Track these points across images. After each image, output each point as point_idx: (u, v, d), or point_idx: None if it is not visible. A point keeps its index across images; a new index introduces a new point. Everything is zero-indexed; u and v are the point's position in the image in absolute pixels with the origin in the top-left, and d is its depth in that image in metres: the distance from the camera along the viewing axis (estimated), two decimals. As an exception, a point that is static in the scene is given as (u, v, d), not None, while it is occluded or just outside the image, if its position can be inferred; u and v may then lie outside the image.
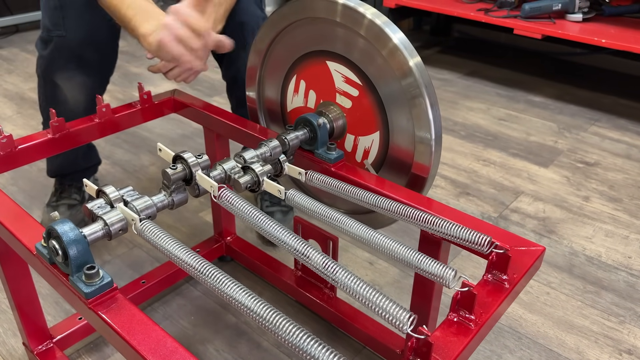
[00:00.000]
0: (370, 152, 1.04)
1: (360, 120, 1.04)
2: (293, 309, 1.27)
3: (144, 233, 0.75)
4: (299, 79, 1.09)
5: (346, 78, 1.02)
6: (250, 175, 0.90)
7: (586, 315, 1.28)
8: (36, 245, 0.74)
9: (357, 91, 1.01)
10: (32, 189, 1.73)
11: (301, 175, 0.96)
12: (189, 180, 0.86)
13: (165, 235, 0.74)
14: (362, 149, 1.06)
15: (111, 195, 0.78)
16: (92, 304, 0.67)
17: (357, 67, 0.99)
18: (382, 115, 1.00)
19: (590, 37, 2.15)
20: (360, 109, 1.03)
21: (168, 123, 2.11)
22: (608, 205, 1.67)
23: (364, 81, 0.99)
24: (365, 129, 1.04)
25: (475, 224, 0.82)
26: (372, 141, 1.04)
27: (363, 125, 1.04)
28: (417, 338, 0.59)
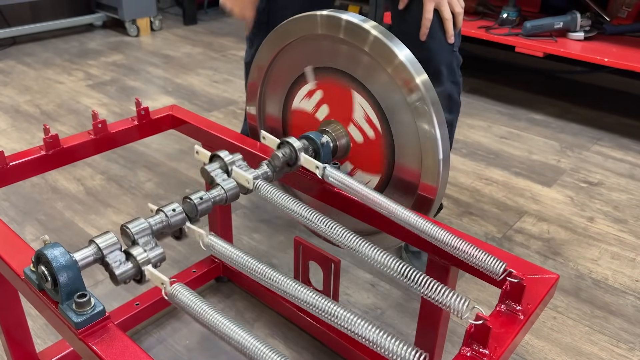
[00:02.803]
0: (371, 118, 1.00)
1: (365, 159, 1.02)
2: (292, 333, 1.22)
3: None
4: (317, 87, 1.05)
5: (367, 117, 0.98)
6: (289, 148, 0.93)
7: (595, 341, 1.24)
8: (25, 270, 0.70)
9: (373, 134, 0.98)
10: (25, 204, 1.69)
11: (318, 170, 0.92)
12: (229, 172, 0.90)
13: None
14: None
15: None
16: (82, 334, 0.63)
17: (381, 110, 0.96)
18: (389, 163, 0.98)
19: (592, 56, 2.14)
20: (370, 150, 1.00)
21: (165, 138, 2.08)
22: (613, 227, 1.64)
23: (383, 126, 0.96)
24: (368, 167, 1.02)
25: (485, 249, 0.78)
26: (370, 181, 1.01)
27: (367, 163, 1.02)
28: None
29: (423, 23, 1.17)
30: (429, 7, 1.16)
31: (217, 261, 1.34)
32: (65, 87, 2.62)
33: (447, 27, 1.19)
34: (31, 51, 3.11)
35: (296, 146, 0.93)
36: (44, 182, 1.80)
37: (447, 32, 1.20)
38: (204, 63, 2.98)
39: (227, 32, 3.58)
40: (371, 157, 1.00)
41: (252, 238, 1.55)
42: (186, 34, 3.52)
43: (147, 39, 3.40)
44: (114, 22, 3.56)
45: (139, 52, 3.14)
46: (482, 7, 2.60)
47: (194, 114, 1.20)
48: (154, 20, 3.49)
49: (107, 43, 3.29)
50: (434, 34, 1.19)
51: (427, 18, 1.17)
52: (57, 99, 2.47)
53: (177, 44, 3.31)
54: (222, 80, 2.74)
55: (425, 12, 1.16)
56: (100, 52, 3.13)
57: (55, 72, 2.81)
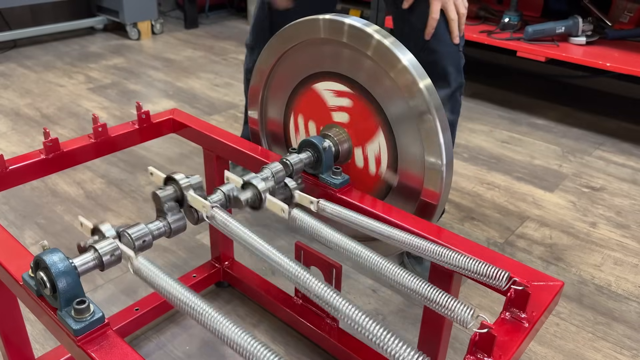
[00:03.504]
0: (381, 157, 0.99)
1: (361, 127, 1.00)
2: (293, 339, 1.21)
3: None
4: (296, 116, 1.06)
5: (336, 92, 0.98)
6: (252, 192, 0.85)
7: (598, 348, 1.23)
8: (23, 275, 0.70)
9: (349, 100, 0.98)
10: (25, 208, 1.68)
11: (313, 205, 0.90)
12: (181, 202, 0.81)
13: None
14: (373, 157, 1.01)
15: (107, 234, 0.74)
16: (81, 341, 0.63)
17: (344, 77, 0.96)
18: (378, 111, 0.96)
19: (594, 60, 2.13)
20: (357, 115, 0.99)
21: (166, 142, 2.07)
22: (616, 232, 1.63)
23: (353, 87, 0.96)
24: (368, 132, 1.00)
25: (489, 256, 0.77)
26: (379, 144, 0.99)
27: (365, 130, 1.00)
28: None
29: (429, 23, 1.17)
30: (435, 8, 1.16)
31: (218, 266, 1.33)
32: (66, 90, 2.61)
33: (452, 28, 1.19)
34: (32, 54, 3.11)
35: (260, 188, 0.85)
36: (44, 185, 1.79)
37: (452, 33, 1.20)
38: (205, 67, 2.98)
39: (228, 35, 3.58)
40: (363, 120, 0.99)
41: (253, 242, 1.53)
42: (187, 37, 3.52)
43: (148, 42, 3.40)
44: (115, 25, 3.56)
45: (140, 56, 3.14)
46: (483, 11, 2.60)
47: (195, 118, 1.19)
48: (155, 23, 3.49)
49: (108, 46, 3.29)
50: (441, 34, 1.19)
51: (434, 18, 1.17)
52: (58, 102, 2.47)
53: (178, 47, 3.31)
54: (223, 84, 2.74)
55: (432, 12, 1.16)
56: (101, 55, 3.13)
57: (56, 75, 2.80)
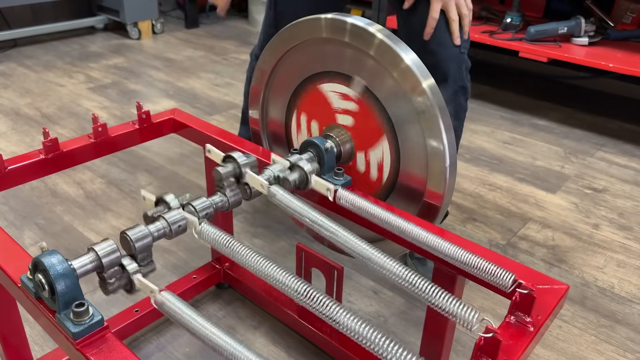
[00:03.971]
0: (384, 164, 0.99)
1: (365, 132, 0.99)
2: (294, 342, 1.20)
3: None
4: (299, 115, 1.05)
5: (343, 95, 0.97)
6: (299, 173, 0.89)
7: (601, 351, 1.22)
8: (21, 277, 0.69)
9: (355, 104, 0.97)
10: (24, 208, 1.67)
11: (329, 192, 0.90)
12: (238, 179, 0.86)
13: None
14: (375, 163, 1.01)
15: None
16: (79, 344, 0.62)
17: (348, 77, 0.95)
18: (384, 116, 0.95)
19: (597, 61, 2.12)
20: (362, 119, 0.98)
21: (166, 142, 2.06)
22: (618, 234, 1.62)
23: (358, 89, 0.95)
24: (372, 138, 0.99)
25: (493, 259, 0.76)
26: (383, 151, 0.99)
27: (369, 135, 0.99)
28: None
29: (428, 22, 1.16)
30: (435, 7, 1.15)
31: (218, 267, 1.32)
32: (66, 90, 2.60)
33: (452, 29, 1.18)
34: (32, 54, 3.10)
35: (307, 169, 0.90)
36: (44, 185, 1.78)
37: (453, 34, 1.18)
38: (205, 66, 2.97)
39: (228, 35, 3.57)
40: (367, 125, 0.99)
41: (253, 243, 1.53)
42: (188, 37, 3.51)
43: (149, 42, 3.39)
44: (116, 25, 3.55)
45: (141, 55, 3.13)
46: (485, 11, 2.59)
47: (196, 118, 1.18)
48: (155, 23, 3.48)
49: (108, 46, 3.28)
50: (440, 35, 1.18)
51: (433, 18, 1.15)
52: (58, 101, 2.46)
53: (178, 47, 3.30)
54: (224, 84, 2.73)
55: (431, 11, 1.15)
56: (101, 55, 3.12)
57: (56, 74, 2.79)
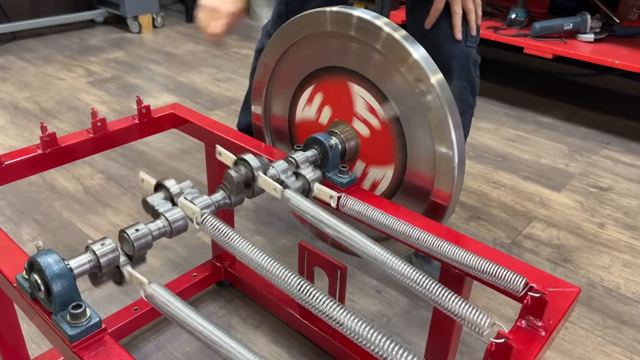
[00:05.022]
0: (380, 185, 0.97)
1: (376, 151, 0.97)
2: (296, 341, 1.18)
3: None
4: (316, 91, 1.01)
5: (369, 106, 0.94)
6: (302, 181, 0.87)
7: (608, 352, 1.20)
8: (17, 277, 0.66)
9: (378, 123, 0.94)
10: (22, 204, 1.65)
11: (332, 200, 0.87)
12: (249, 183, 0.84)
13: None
14: (372, 180, 0.99)
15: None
16: (76, 347, 0.59)
17: (385, 98, 0.92)
18: (401, 151, 0.93)
19: (602, 58, 2.10)
20: (379, 140, 0.95)
21: (166, 137, 2.04)
22: (624, 233, 1.60)
23: (389, 116, 0.92)
24: (380, 160, 0.97)
25: (502, 260, 0.74)
26: (384, 175, 0.97)
27: (378, 156, 0.97)
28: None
29: (431, 12, 1.14)
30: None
31: (219, 265, 1.30)
32: (66, 83, 2.57)
33: (454, 22, 1.15)
34: (31, 47, 3.07)
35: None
36: (42, 180, 1.76)
37: (455, 27, 1.16)
38: (206, 61, 2.94)
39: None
40: (381, 148, 0.96)
41: (255, 241, 1.51)
42: (188, 31, 3.48)
43: (149, 36, 3.36)
44: (116, 18, 3.52)
45: (141, 49, 3.10)
46: (490, 7, 2.56)
47: (197, 113, 1.16)
48: (156, 17, 3.45)
49: (108, 40, 3.25)
50: (445, 29, 1.16)
51: (437, 8, 1.13)
52: (57, 95, 2.43)
53: (179, 41, 3.27)
54: (225, 79, 2.70)
55: (436, 2, 1.13)
56: (101, 48, 3.09)
57: (56, 68, 2.77)
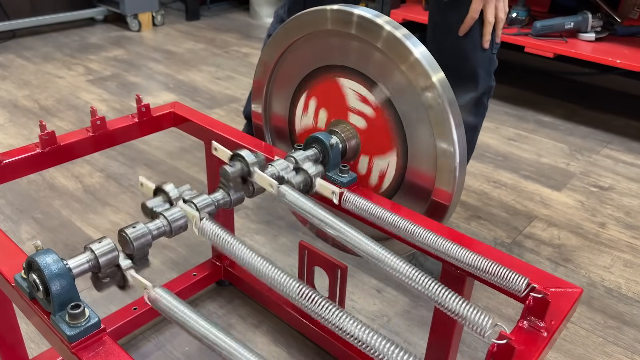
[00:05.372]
0: (387, 176, 0.96)
1: (375, 140, 0.96)
2: (296, 342, 1.18)
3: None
4: (309, 97, 1.01)
5: (361, 96, 0.94)
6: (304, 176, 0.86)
7: (609, 353, 1.19)
8: (15, 276, 0.66)
9: (372, 111, 0.94)
10: (22, 202, 1.64)
11: (334, 196, 0.87)
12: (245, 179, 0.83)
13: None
14: (377, 172, 0.98)
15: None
16: (75, 348, 0.59)
17: (373, 83, 0.91)
18: (399, 132, 0.92)
19: (604, 57, 2.09)
20: (376, 128, 0.95)
21: (166, 135, 2.04)
22: (625, 233, 1.60)
23: (381, 99, 0.92)
24: (381, 148, 0.96)
25: (504, 260, 0.74)
26: (389, 163, 0.96)
27: (379, 144, 0.96)
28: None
29: (466, 20, 1.16)
30: (475, 7, 1.15)
31: (219, 264, 1.29)
32: (65, 82, 2.57)
33: (486, 30, 1.18)
34: (31, 45, 3.07)
35: (311, 172, 0.87)
36: (41, 179, 1.76)
37: (484, 36, 1.17)
38: (206, 59, 2.94)
39: (230, 28, 3.53)
40: (380, 135, 0.96)
41: (254, 240, 1.50)
42: (188, 29, 3.47)
43: (149, 34, 3.36)
44: (116, 16, 3.51)
45: (141, 48, 3.09)
46: (490, 6, 2.55)
47: (197, 112, 1.15)
48: (156, 15, 3.44)
49: (108, 38, 3.24)
50: (474, 35, 1.18)
51: (472, 17, 1.15)
52: (57, 94, 2.42)
53: (179, 39, 3.27)
54: (225, 77, 2.70)
55: (471, 10, 1.15)
56: (101, 46, 3.08)
57: (55, 66, 2.76)
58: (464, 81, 1.21)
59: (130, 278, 0.67)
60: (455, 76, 1.15)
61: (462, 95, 1.22)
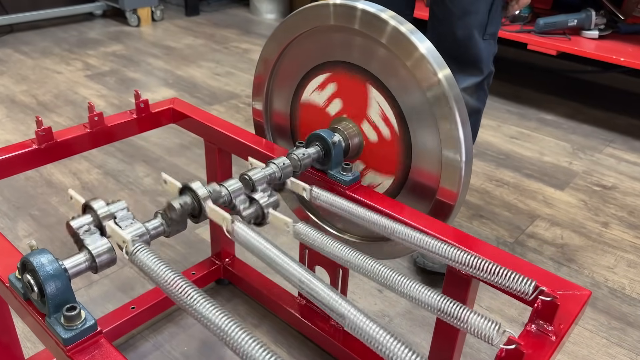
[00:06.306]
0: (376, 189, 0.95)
1: (379, 158, 0.95)
2: (296, 341, 1.16)
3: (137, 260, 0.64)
4: (331, 80, 0.98)
5: (384, 115, 0.92)
6: (255, 208, 0.80)
7: (613, 354, 1.18)
8: (9, 276, 0.64)
9: (389, 134, 0.92)
10: (18, 199, 1.62)
11: (305, 192, 0.86)
12: (197, 215, 0.76)
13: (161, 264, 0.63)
14: (369, 181, 0.97)
15: (100, 212, 0.67)
16: (70, 351, 0.57)
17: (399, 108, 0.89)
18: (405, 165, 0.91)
19: (607, 55, 2.07)
20: (385, 150, 0.93)
21: (165, 131, 2.01)
22: (629, 233, 1.58)
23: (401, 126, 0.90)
24: (382, 168, 0.96)
25: (510, 262, 0.72)
26: (381, 183, 0.95)
27: (380, 164, 0.95)
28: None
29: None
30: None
31: (218, 263, 1.28)
32: (63, 77, 2.55)
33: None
34: (29, 40, 3.04)
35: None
36: (39, 175, 1.74)
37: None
38: (205, 55, 2.91)
39: (229, 23, 3.51)
40: (385, 158, 0.94)
41: (254, 238, 1.48)
42: (188, 25, 3.45)
43: (148, 29, 3.33)
44: (115, 11, 3.49)
45: (140, 43, 3.07)
46: (492, 3, 2.53)
47: (197, 108, 1.13)
48: (155, 10, 3.42)
49: (106, 33, 3.22)
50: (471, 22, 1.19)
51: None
52: (55, 89, 2.40)
53: (178, 35, 3.24)
54: (224, 73, 2.67)
55: None
56: (99, 42, 3.06)
57: (53, 61, 2.73)
58: (465, 67, 1.23)
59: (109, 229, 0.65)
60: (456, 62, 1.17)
61: (464, 80, 1.23)
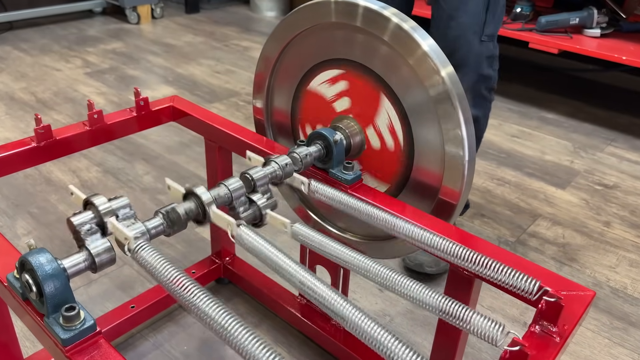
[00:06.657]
0: (394, 125, 0.93)
1: (378, 165, 0.95)
2: (296, 341, 1.16)
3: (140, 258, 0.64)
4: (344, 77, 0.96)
5: (391, 126, 0.91)
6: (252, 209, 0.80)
7: (615, 355, 1.17)
8: (7, 276, 0.63)
9: (393, 146, 0.91)
10: (17, 196, 1.62)
11: (304, 186, 0.85)
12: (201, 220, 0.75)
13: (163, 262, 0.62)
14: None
15: (101, 208, 0.66)
16: (69, 352, 0.57)
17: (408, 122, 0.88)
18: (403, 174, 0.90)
19: (609, 54, 2.06)
20: (385, 160, 0.93)
21: (165, 129, 2.01)
22: (631, 232, 1.57)
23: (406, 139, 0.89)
24: (379, 175, 0.95)
25: (513, 262, 0.71)
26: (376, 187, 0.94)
27: (378, 171, 0.95)
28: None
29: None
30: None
31: (218, 262, 1.27)
32: (63, 74, 2.54)
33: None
34: (28, 37, 3.03)
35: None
36: (38, 173, 1.73)
37: None
38: (205, 53, 2.90)
39: (229, 21, 3.50)
40: (385, 167, 0.94)
41: (255, 237, 1.47)
42: (188, 22, 3.44)
43: (148, 26, 3.32)
44: (114, 8, 3.48)
45: (139, 40, 3.06)
46: (494, 1, 2.52)
47: (197, 106, 1.13)
48: (155, 7, 3.41)
49: (106, 30, 3.21)
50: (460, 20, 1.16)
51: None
52: (54, 86, 2.39)
53: (178, 32, 3.23)
54: (224, 71, 2.66)
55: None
56: (99, 39, 3.05)
57: (53, 59, 2.72)
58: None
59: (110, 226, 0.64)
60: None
61: None
